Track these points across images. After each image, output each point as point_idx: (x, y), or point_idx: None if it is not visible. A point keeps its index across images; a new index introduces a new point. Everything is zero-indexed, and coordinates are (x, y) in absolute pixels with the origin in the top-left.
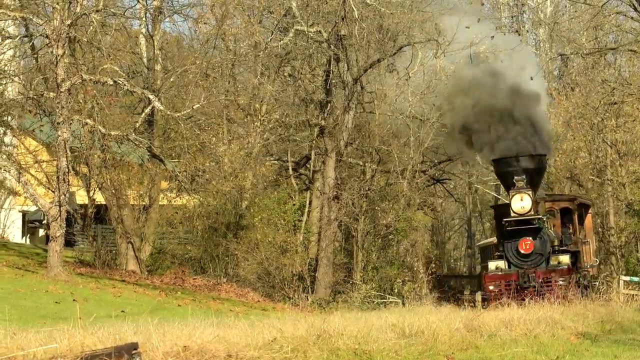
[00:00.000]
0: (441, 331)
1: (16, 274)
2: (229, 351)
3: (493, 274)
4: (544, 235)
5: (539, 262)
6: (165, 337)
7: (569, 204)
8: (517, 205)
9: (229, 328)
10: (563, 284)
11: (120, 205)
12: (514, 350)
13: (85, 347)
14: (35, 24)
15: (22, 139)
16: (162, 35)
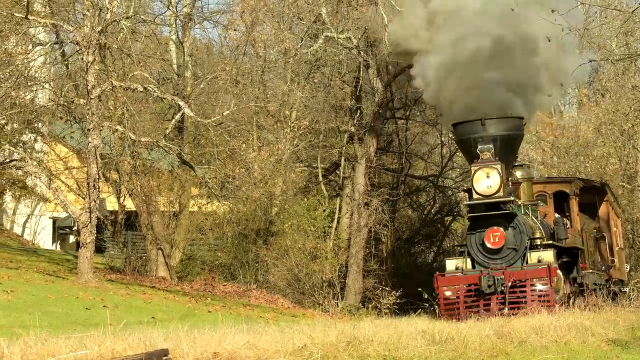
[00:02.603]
0: (471, 337)
1: (47, 280)
2: (259, 357)
3: (449, 276)
4: (519, 225)
5: (512, 260)
6: (195, 343)
7: (565, 186)
8: (482, 184)
9: (259, 334)
10: (543, 289)
11: (151, 211)
12: (544, 357)
13: (115, 354)
14: (65, 31)
15: (52, 145)
16: (192, 41)
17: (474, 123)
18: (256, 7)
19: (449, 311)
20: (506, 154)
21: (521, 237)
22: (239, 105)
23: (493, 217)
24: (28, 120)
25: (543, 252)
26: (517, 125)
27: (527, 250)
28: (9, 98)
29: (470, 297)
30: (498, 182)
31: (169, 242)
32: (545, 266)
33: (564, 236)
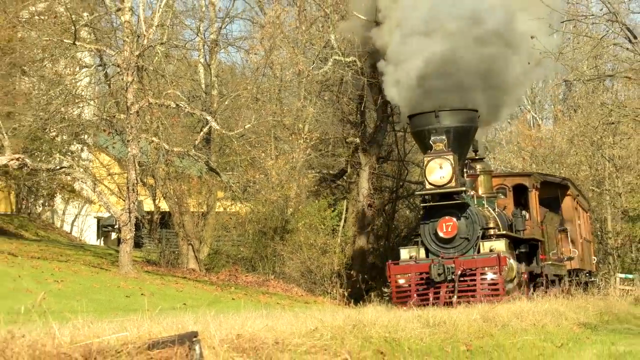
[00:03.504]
0: (460, 321)
1: (92, 271)
2: (277, 338)
3: (401, 265)
4: (471, 215)
5: (464, 250)
6: (221, 326)
7: (525, 180)
8: (435, 175)
9: (276, 319)
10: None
11: (182, 212)
12: (524, 338)
13: (152, 335)
14: (108, 55)
15: (97, 154)
16: (218, 64)
17: (428, 115)
18: (274, 34)
19: (401, 299)
20: (460, 146)
21: (473, 227)
22: (259, 120)
23: (446, 207)
24: (76, 132)
25: (495, 242)
26: (470, 117)
27: (480, 240)
28: (59, 113)
29: (422, 285)
30: (450, 173)
31: (198, 238)
32: (495, 255)
33: (521, 227)
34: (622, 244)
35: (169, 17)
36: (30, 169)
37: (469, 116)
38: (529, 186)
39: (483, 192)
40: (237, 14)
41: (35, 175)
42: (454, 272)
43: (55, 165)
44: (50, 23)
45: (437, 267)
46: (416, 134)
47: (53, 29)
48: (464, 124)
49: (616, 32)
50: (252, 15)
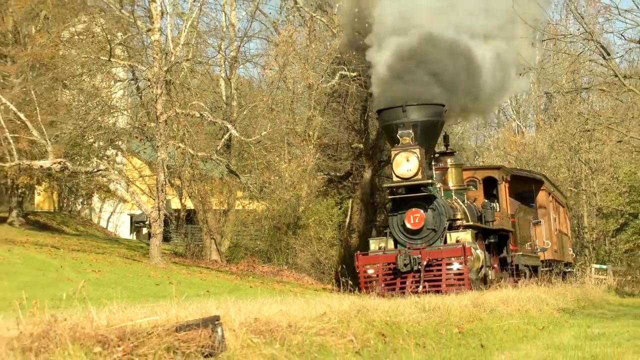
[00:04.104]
0: (453, 307)
1: (125, 262)
2: (290, 322)
3: (369, 255)
4: (438, 207)
5: (431, 240)
6: (240, 311)
7: (494, 173)
8: (402, 168)
9: (289, 304)
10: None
11: (205, 209)
12: (510, 322)
13: (179, 319)
14: (139, 70)
15: (130, 158)
16: (237, 78)
17: (396, 110)
18: (287, 52)
19: (368, 288)
20: (427, 139)
21: (440, 218)
22: (274, 128)
23: (413, 199)
24: (111, 139)
25: (461, 233)
26: (437, 111)
27: (447, 231)
28: (96, 122)
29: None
30: (417, 166)
31: (219, 233)
32: (461, 246)
33: (491, 219)
34: (597, 238)
35: (193, 37)
36: (71, 172)
37: (435, 111)
38: (499, 179)
39: (453, 185)
40: (254, 34)
41: (75, 177)
42: (420, 263)
43: (93, 168)
44: (88, 42)
45: (403, 257)
46: (385, 128)
47: (91, 47)
48: (430, 118)
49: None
50: (267, 35)
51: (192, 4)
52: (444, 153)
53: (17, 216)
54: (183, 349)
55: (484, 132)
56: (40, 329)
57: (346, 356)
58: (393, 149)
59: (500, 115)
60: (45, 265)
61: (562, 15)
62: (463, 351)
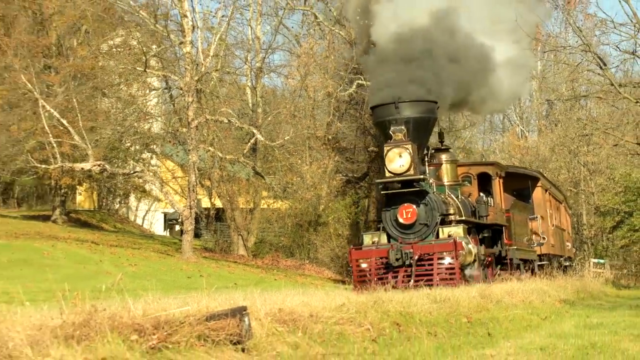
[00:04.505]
0: (462, 298)
1: (159, 257)
2: (311, 312)
3: (362, 250)
4: (430, 202)
5: (424, 235)
6: (265, 302)
7: (488, 168)
8: (395, 163)
9: (310, 296)
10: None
11: (233, 208)
12: (514, 312)
13: (209, 309)
14: (172, 80)
15: (163, 161)
16: (262, 87)
17: (388, 106)
18: (308, 62)
19: (361, 282)
20: (419, 135)
21: (432, 213)
22: (296, 133)
23: (406, 195)
24: (146, 143)
25: (454, 228)
26: (430, 108)
27: (439, 226)
28: (132, 128)
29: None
30: (409, 161)
31: (246, 230)
32: (452, 240)
33: (484, 213)
34: (595, 235)
35: (222, 49)
36: (110, 173)
37: (428, 107)
38: (493, 174)
39: (448, 181)
40: (278, 46)
41: (113, 178)
42: (412, 257)
43: (130, 170)
44: (125, 54)
45: (395, 252)
46: (378, 124)
47: (128, 59)
48: (423, 114)
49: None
50: (290, 47)
51: (220, 18)
52: (438, 149)
53: (60, 214)
54: (213, 337)
55: (490, 136)
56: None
57: (363, 344)
58: (385, 144)
59: (505, 120)
60: (86, 260)
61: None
62: (472, 339)
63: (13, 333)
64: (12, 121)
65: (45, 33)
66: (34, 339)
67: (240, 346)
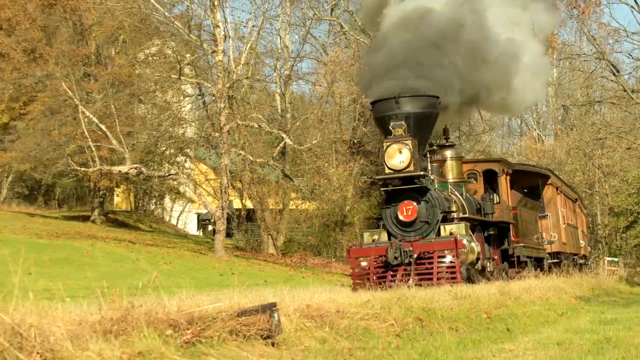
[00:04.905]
0: (482, 295)
1: (193, 255)
2: (338, 308)
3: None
4: (431, 199)
5: (425, 233)
6: (294, 298)
7: (494, 165)
8: (394, 159)
9: (337, 293)
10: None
11: (263, 209)
12: (532, 308)
13: (240, 305)
14: (205, 87)
15: (197, 164)
16: (290, 94)
17: (388, 101)
18: (334, 70)
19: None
20: (420, 131)
21: (434, 210)
22: (323, 137)
23: (406, 191)
24: (180, 147)
25: (456, 225)
26: (431, 103)
27: (441, 224)
28: (167, 132)
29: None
30: (409, 157)
31: (275, 229)
32: (452, 238)
33: (490, 211)
34: (609, 234)
35: (252, 57)
36: (146, 176)
37: (429, 102)
38: (499, 171)
39: (453, 178)
40: (306, 55)
41: (149, 181)
42: (411, 255)
43: (165, 173)
44: (160, 62)
45: (393, 250)
46: (378, 120)
47: (163, 67)
48: (424, 109)
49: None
50: (317, 55)
51: (251, 28)
52: (443, 145)
53: (98, 215)
54: (244, 332)
55: (508, 140)
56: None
57: (388, 338)
58: (385, 140)
59: (523, 125)
60: (123, 258)
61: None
62: (491, 334)
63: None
64: (53, 126)
65: (85, 43)
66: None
67: (270, 341)
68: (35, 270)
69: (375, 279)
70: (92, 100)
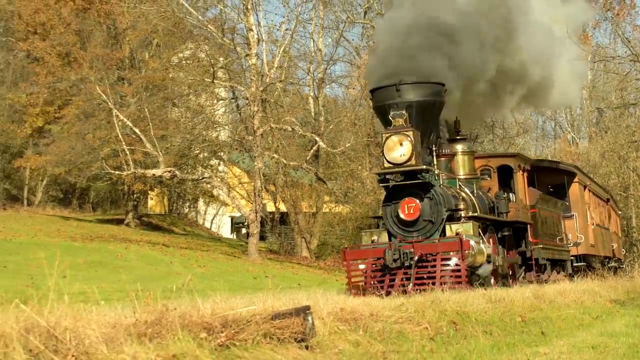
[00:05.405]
0: (516, 298)
1: (227, 259)
2: (371, 311)
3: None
4: (435, 196)
5: (429, 233)
6: (328, 301)
7: (509, 160)
8: (395, 152)
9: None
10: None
11: (297, 212)
12: (567, 312)
13: (274, 308)
14: (239, 90)
15: (230, 167)
16: (324, 97)
17: (388, 89)
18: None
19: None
20: (424, 121)
21: (438, 208)
22: (356, 140)
23: (407, 188)
24: (214, 150)
25: (463, 225)
26: (436, 91)
27: (447, 223)
28: (201, 136)
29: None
30: (410, 150)
31: (309, 232)
32: (457, 239)
33: (504, 210)
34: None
35: (286, 61)
36: (179, 179)
37: (433, 90)
38: (515, 167)
39: (464, 174)
40: (339, 58)
41: (183, 184)
42: (412, 257)
43: (199, 176)
44: (194, 66)
45: (392, 251)
46: (377, 109)
47: (196, 71)
48: (427, 98)
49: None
50: (350, 58)
51: (284, 32)
52: (453, 139)
53: (132, 218)
54: (278, 335)
55: (542, 143)
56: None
57: (422, 342)
58: (384, 131)
59: (557, 128)
60: (157, 261)
61: (610, 39)
62: (526, 337)
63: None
64: (87, 130)
65: (119, 47)
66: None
67: (304, 344)
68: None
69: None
70: (126, 104)
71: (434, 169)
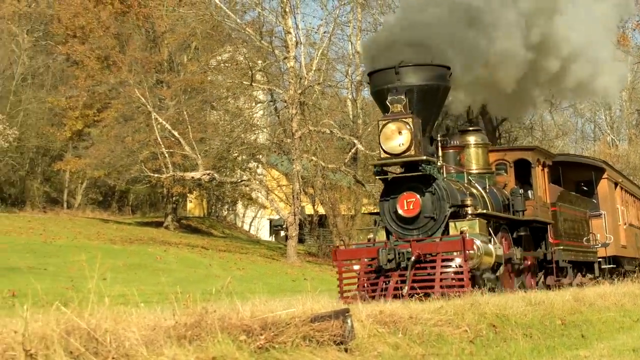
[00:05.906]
0: (556, 301)
1: (266, 261)
2: (411, 314)
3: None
4: (438, 190)
5: (430, 231)
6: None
7: (527, 154)
8: (393, 141)
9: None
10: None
11: (335, 214)
12: (607, 315)
13: (313, 311)
14: (277, 93)
15: (269, 170)
16: (362, 99)
17: (388, 72)
18: None
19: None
20: (426, 108)
21: (440, 204)
22: None
23: (407, 181)
24: (253, 153)
25: (467, 222)
26: (440, 74)
27: (450, 220)
28: (239, 139)
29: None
30: (409, 139)
31: (347, 235)
32: (459, 238)
33: (520, 208)
34: None
35: (324, 63)
36: (218, 182)
37: (437, 73)
38: (533, 162)
39: (477, 167)
40: None
41: (221, 187)
42: (409, 258)
43: (237, 179)
44: (232, 69)
45: (387, 251)
46: (375, 94)
47: (235, 73)
48: (430, 82)
49: None
50: None
51: (322, 34)
52: (465, 130)
53: (171, 221)
54: (317, 338)
55: (581, 145)
56: (193, 319)
57: (461, 344)
58: (381, 118)
59: (596, 130)
60: (196, 264)
61: None
62: (566, 340)
63: (129, 333)
64: (126, 133)
65: (158, 50)
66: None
67: (343, 346)
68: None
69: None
70: (164, 107)
71: (436, 161)
